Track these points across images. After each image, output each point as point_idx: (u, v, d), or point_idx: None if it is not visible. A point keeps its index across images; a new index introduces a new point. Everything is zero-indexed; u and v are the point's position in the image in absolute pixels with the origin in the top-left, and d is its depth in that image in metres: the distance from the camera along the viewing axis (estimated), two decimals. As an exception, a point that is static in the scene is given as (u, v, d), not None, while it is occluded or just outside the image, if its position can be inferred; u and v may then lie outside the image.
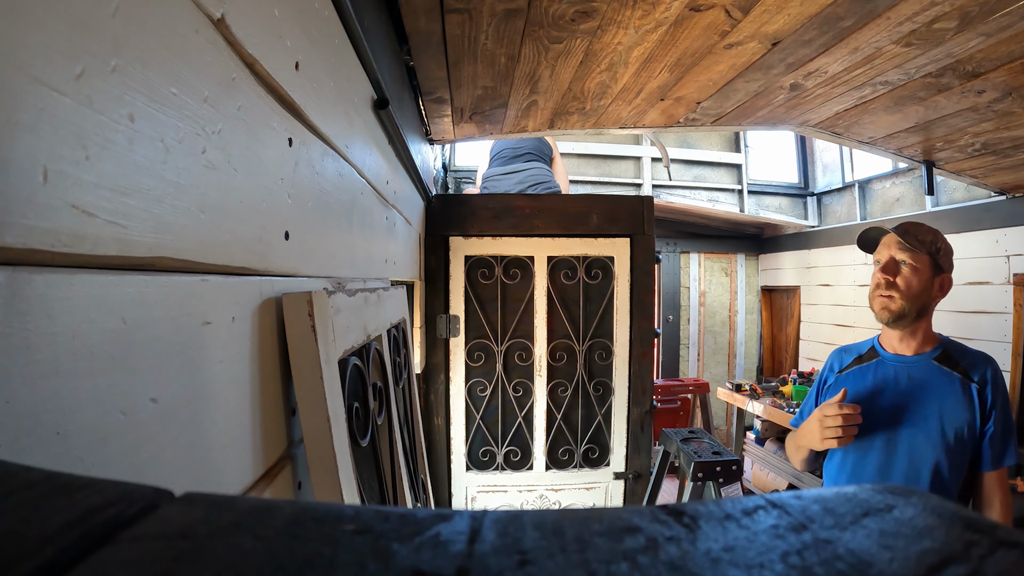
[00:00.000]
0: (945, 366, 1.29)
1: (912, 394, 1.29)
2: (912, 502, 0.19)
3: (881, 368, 1.36)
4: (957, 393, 1.26)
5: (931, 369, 1.30)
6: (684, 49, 1.27)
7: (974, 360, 1.30)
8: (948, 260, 1.32)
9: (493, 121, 1.86)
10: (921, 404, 1.28)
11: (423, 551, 0.16)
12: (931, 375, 1.29)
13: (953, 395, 1.26)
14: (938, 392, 1.27)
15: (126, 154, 0.32)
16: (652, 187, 4.29)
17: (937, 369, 1.29)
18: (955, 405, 1.25)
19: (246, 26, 0.46)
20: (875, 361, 1.38)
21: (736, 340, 4.99)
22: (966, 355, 1.31)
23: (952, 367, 1.29)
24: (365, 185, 0.96)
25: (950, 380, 1.27)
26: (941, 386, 1.27)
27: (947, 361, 1.30)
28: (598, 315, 2.28)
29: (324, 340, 0.59)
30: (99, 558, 0.15)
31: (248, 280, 0.50)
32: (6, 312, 0.25)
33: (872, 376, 1.36)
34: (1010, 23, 1.10)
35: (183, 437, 0.39)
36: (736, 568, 0.15)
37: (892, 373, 1.34)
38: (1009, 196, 2.72)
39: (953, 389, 1.26)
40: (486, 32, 1.18)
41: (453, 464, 2.27)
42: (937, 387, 1.27)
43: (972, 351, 1.33)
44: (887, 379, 1.34)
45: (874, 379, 1.36)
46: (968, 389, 1.26)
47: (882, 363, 1.36)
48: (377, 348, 0.95)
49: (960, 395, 1.26)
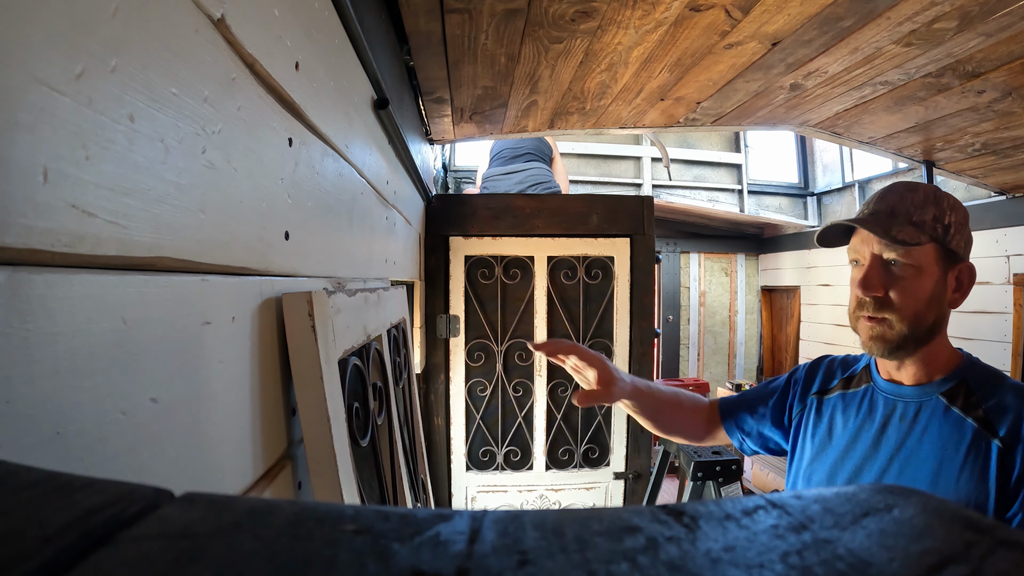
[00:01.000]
0: (956, 407, 0.80)
1: (900, 446, 0.84)
2: (912, 502, 0.19)
3: (871, 400, 0.91)
4: (966, 452, 0.77)
5: (934, 410, 0.82)
6: (684, 49, 1.27)
7: (1005, 403, 0.78)
8: (963, 239, 0.84)
9: (493, 121, 1.86)
10: (909, 464, 0.82)
11: (423, 551, 0.16)
12: (933, 419, 0.82)
13: (958, 455, 0.78)
14: (936, 447, 0.80)
15: (126, 154, 0.32)
16: (652, 187, 4.29)
17: (943, 411, 0.81)
18: (959, 471, 0.77)
19: (246, 26, 0.46)
20: (865, 388, 0.92)
21: (736, 340, 4.99)
22: (995, 391, 0.80)
23: (967, 410, 0.79)
24: (365, 185, 0.96)
25: (958, 431, 0.79)
26: (943, 441, 0.80)
27: (961, 399, 0.81)
28: (598, 315, 2.28)
29: (324, 340, 0.59)
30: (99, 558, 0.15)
31: (248, 280, 0.50)
32: (6, 312, 0.25)
33: (856, 410, 0.92)
34: (1010, 23, 1.10)
35: (183, 437, 0.39)
36: (736, 568, 0.15)
37: (882, 411, 0.88)
38: (1009, 196, 2.73)
39: (960, 445, 0.78)
40: (486, 32, 1.18)
41: (453, 464, 2.27)
42: (937, 442, 0.80)
43: (1010, 385, 0.80)
44: (875, 418, 0.88)
45: (858, 415, 0.91)
46: (985, 449, 0.76)
47: (874, 393, 0.91)
48: (377, 348, 0.95)
49: (970, 456, 0.77)
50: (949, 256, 0.83)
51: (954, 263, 0.83)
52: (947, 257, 0.83)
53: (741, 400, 1.12)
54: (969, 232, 0.86)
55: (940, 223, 0.82)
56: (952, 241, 0.82)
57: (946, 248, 0.82)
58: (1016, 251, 2.78)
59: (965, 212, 0.85)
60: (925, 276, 0.82)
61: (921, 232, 0.81)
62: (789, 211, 4.62)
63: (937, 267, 0.82)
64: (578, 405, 1.11)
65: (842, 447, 0.91)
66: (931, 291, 0.82)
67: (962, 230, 0.84)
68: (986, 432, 0.77)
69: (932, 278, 0.82)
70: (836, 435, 0.93)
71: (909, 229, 0.82)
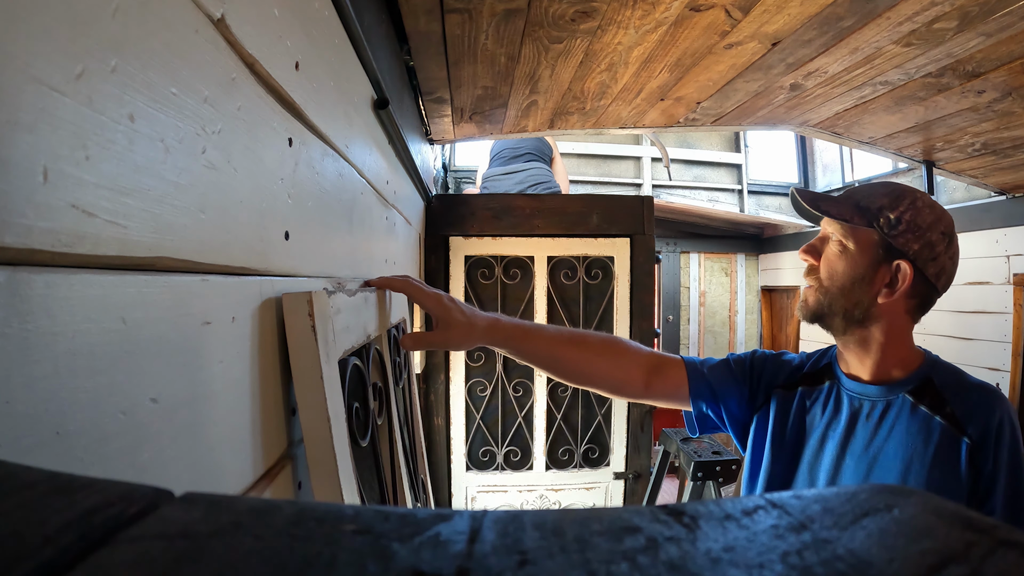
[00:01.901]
0: (923, 405, 0.81)
1: (868, 444, 0.82)
2: (912, 502, 0.19)
3: (836, 398, 0.89)
4: (935, 450, 0.78)
5: (901, 408, 0.82)
6: (684, 49, 1.27)
7: (971, 401, 0.79)
8: (918, 242, 0.81)
9: (493, 121, 1.86)
10: (877, 463, 0.81)
11: (423, 551, 0.16)
12: (900, 418, 0.81)
13: (927, 453, 0.78)
14: (905, 448, 0.79)
15: (126, 154, 0.32)
16: (652, 187, 4.29)
17: (911, 409, 0.81)
18: (929, 469, 0.78)
19: (246, 26, 0.46)
20: (829, 385, 0.91)
21: (736, 340, 4.99)
22: (960, 391, 0.81)
23: (935, 409, 0.80)
24: (365, 185, 0.96)
25: (926, 430, 0.79)
26: (911, 439, 0.79)
27: (928, 398, 0.81)
28: (598, 315, 2.28)
29: (324, 340, 0.59)
30: (99, 558, 0.15)
31: (248, 280, 0.50)
32: (6, 312, 0.25)
33: (822, 409, 0.89)
34: (1010, 23, 1.10)
35: (183, 437, 0.39)
36: (736, 568, 0.15)
37: (847, 409, 0.86)
38: (1009, 196, 2.72)
39: (929, 443, 0.78)
40: (486, 32, 1.18)
41: (453, 464, 2.27)
42: (905, 440, 0.80)
43: (972, 384, 0.82)
44: (840, 417, 0.87)
45: (823, 414, 0.89)
46: (955, 446, 0.77)
47: (839, 390, 0.89)
48: (377, 348, 0.95)
49: (940, 454, 0.78)
50: (888, 250, 0.82)
51: (892, 258, 0.82)
52: (887, 249, 0.81)
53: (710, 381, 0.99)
54: (932, 240, 0.81)
55: (886, 214, 0.81)
56: (898, 238, 0.81)
57: (886, 240, 0.81)
58: (1016, 251, 2.78)
59: (936, 220, 0.82)
60: (850, 257, 0.83)
61: (859, 214, 0.82)
62: (789, 211, 4.62)
63: (868, 254, 0.82)
64: (404, 348, 0.99)
65: (813, 449, 0.88)
66: (852, 273, 0.83)
67: (918, 232, 0.81)
68: (954, 430, 0.78)
69: (858, 262, 0.83)
70: (803, 434, 0.90)
71: (846, 207, 0.83)
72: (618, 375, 0.99)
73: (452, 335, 0.90)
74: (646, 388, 1.00)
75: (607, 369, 1.00)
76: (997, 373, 2.79)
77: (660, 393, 1.00)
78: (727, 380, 0.98)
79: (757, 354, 1.00)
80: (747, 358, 1.00)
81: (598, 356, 1.00)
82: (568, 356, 0.98)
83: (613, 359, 1.00)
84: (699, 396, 0.99)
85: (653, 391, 1.00)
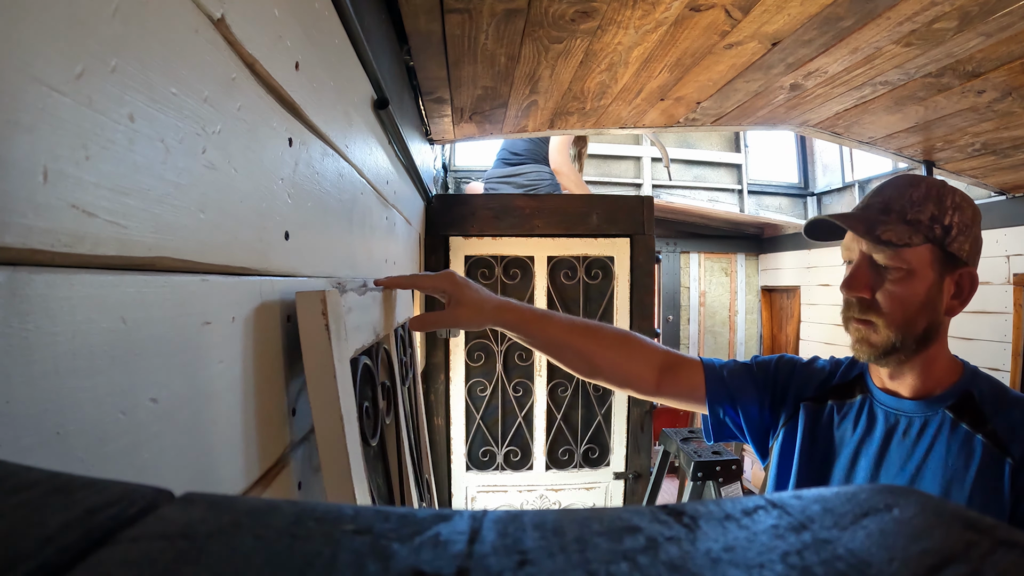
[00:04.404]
0: (964, 423, 0.74)
1: (902, 466, 0.77)
2: (912, 502, 0.19)
3: (869, 413, 0.83)
4: (977, 471, 0.71)
5: (941, 426, 0.76)
6: (684, 49, 1.27)
7: (1014, 419, 0.73)
8: (968, 241, 0.76)
9: (493, 121, 1.86)
10: (916, 483, 0.76)
11: (423, 551, 0.16)
12: (940, 436, 0.75)
13: (969, 473, 0.72)
14: (944, 468, 0.74)
15: (126, 154, 0.32)
16: (652, 187, 4.29)
17: (950, 428, 0.75)
18: (970, 490, 0.71)
19: (246, 26, 0.46)
20: (862, 399, 0.85)
21: (736, 340, 4.99)
22: (1002, 408, 0.74)
23: (976, 426, 0.73)
24: (365, 185, 0.96)
25: (967, 450, 0.73)
26: (952, 459, 0.73)
27: (968, 415, 0.74)
28: (598, 315, 2.28)
29: (337, 338, 0.59)
30: (99, 558, 0.15)
31: (248, 280, 0.50)
32: (6, 312, 0.25)
33: (853, 425, 0.84)
34: (1010, 23, 1.10)
35: (183, 437, 0.39)
36: (736, 568, 0.15)
37: (882, 426, 0.81)
38: (1009, 196, 2.72)
39: (971, 464, 0.72)
40: (486, 32, 1.18)
41: (453, 464, 2.27)
42: (945, 460, 0.74)
43: (1015, 399, 0.75)
44: (874, 434, 0.81)
45: (855, 430, 0.83)
46: (998, 467, 0.71)
47: (872, 405, 0.83)
48: (386, 348, 0.95)
49: (982, 477, 0.71)
50: (948, 259, 0.75)
51: (954, 267, 0.76)
52: (946, 260, 0.75)
53: (729, 386, 0.95)
54: (977, 234, 0.77)
55: (939, 223, 0.75)
56: (953, 244, 0.74)
57: (945, 251, 0.75)
58: (1016, 251, 2.78)
59: (974, 212, 0.77)
60: (916, 279, 0.75)
61: (915, 232, 0.74)
62: (789, 211, 4.62)
63: (932, 270, 0.75)
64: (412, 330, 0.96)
65: (844, 467, 0.83)
66: (923, 296, 0.75)
67: (967, 232, 0.75)
68: (997, 450, 0.71)
69: (925, 282, 0.75)
70: (833, 450, 0.85)
71: (901, 228, 0.74)
72: (628, 369, 0.97)
73: (462, 313, 0.87)
74: (657, 387, 0.97)
75: (618, 362, 0.97)
76: (997, 373, 2.79)
77: (672, 393, 0.97)
78: (747, 385, 0.94)
79: (784, 359, 0.95)
80: (772, 363, 0.96)
81: (610, 349, 0.97)
82: (579, 345, 0.95)
83: (626, 353, 0.97)
84: (716, 400, 0.95)
85: (664, 390, 0.97)
